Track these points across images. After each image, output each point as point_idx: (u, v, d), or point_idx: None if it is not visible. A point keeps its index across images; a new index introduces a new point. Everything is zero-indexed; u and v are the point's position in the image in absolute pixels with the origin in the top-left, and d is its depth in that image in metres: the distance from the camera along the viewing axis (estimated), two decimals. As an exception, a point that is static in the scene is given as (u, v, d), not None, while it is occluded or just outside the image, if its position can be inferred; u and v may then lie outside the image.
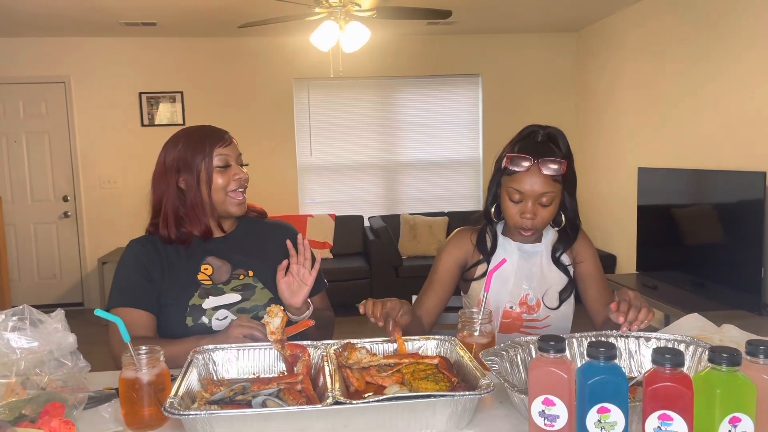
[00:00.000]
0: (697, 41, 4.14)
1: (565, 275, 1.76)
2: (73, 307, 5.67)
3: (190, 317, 1.60)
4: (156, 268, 1.64)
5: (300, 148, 6.05)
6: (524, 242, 1.76)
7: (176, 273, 1.64)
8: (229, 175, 1.63)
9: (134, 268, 1.64)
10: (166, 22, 5.15)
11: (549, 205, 1.64)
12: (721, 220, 3.71)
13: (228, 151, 1.64)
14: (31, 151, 5.73)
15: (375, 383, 1.24)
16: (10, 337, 1.12)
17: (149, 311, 1.60)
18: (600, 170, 5.61)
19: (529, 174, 1.61)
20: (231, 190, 1.63)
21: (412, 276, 5.41)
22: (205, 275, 1.65)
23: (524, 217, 1.63)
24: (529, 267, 1.74)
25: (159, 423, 1.15)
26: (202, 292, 1.62)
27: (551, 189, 1.62)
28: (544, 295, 1.73)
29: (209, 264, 1.67)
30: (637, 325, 1.37)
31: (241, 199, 1.66)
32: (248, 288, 1.66)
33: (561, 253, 1.76)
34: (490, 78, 6.11)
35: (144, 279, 1.62)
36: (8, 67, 5.57)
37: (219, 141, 1.63)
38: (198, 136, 1.65)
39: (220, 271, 1.66)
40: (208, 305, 1.61)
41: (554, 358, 0.97)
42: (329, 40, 3.98)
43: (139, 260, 1.65)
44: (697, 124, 4.17)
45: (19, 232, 5.77)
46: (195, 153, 1.61)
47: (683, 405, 0.88)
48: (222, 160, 1.62)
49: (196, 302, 1.61)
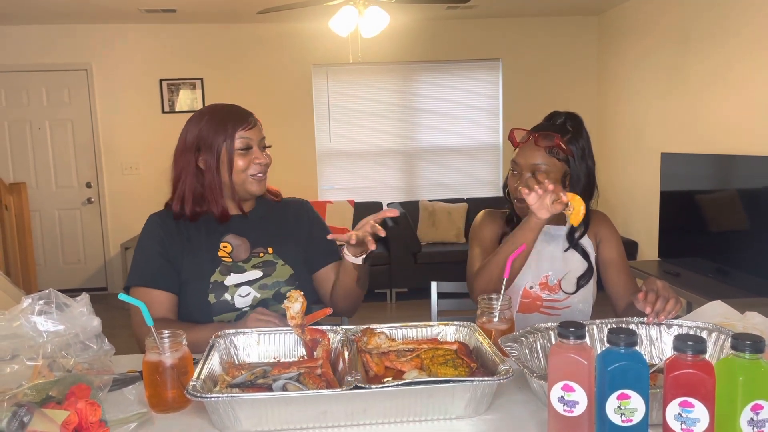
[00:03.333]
0: (722, 24, 4.05)
1: (586, 261, 1.75)
2: (97, 292, 5.76)
3: (213, 294, 1.60)
4: (175, 244, 1.64)
5: (319, 134, 6.06)
6: (548, 223, 1.73)
7: (196, 249, 1.64)
8: (250, 158, 1.62)
9: (153, 246, 1.64)
10: (185, 9, 5.17)
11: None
12: (745, 206, 3.65)
13: (250, 134, 1.62)
14: (55, 138, 5.82)
15: (394, 368, 1.24)
16: (37, 320, 1.14)
17: (169, 291, 1.61)
18: (622, 156, 5.54)
19: (525, 146, 1.69)
20: (251, 174, 1.63)
21: (430, 262, 5.42)
22: (225, 252, 1.65)
23: (519, 188, 1.64)
24: (551, 249, 1.75)
25: (182, 405, 1.17)
26: (224, 269, 1.62)
27: (544, 161, 1.66)
28: (563, 279, 1.73)
29: (228, 242, 1.66)
30: (664, 316, 1.36)
31: (262, 177, 1.65)
32: (269, 264, 1.66)
33: (580, 236, 1.75)
34: (511, 62, 6.04)
35: (162, 258, 1.62)
36: (31, 54, 5.64)
37: (242, 123, 1.61)
38: (221, 115, 1.63)
39: (239, 249, 1.66)
40: (230, 282, 1.61)
41: (574, 344, 0.96)
42: (348, 25, 3.97)
43: (158, 236, 1.65)
44: (721, 109, 4.09)
45: (44, 218, 5.87)
46: (217, 133, 1.60)
47: (705, 392, 0.87)
48: (244, 142, 1.61)
49: (218, 279, 1.61)
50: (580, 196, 1.61)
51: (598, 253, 1.78)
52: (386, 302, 5.45)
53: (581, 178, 1.70)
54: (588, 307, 1.76)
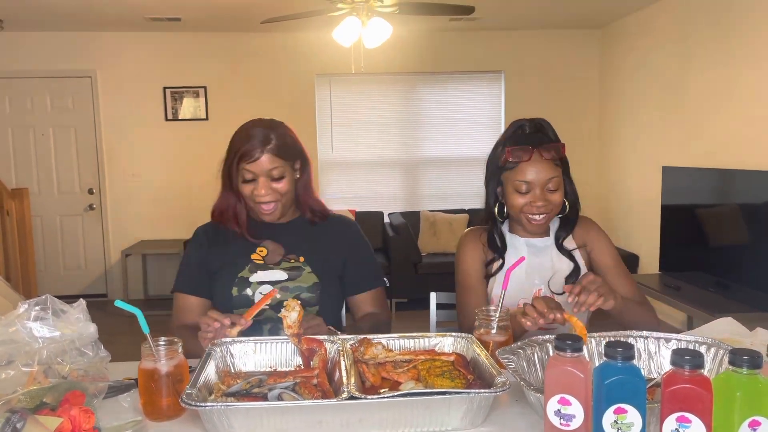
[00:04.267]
0: (724, 38, 4.06)
1: (572, 261, 1.73)
2: (97, 298, 5.76)
3: (236, 287, 1.67)
4: (217, 252, 1.73)
5: (321, 144, 6.07)
6: (532, 237, 1.75)
7: (232, 251, 1.73)
8: (252, 188, 1.65)
9: (194, 256, 1.76)
10: (190, 18, 5.20)
11: (557, 190, 1.65)
12: (746, 220, 3.64)
13: (253, 167, 1.62)
14: (58, 144, 5.83)
15: (390, 379, 1.24)
16: (33, 326, 1.14)
17: (203, 297, 1.72)
18: (624, 169, 5.54)
19: (532, 163, 1.63)
20: (256, 201, 1.66)
21: (431, 273, 5.40)
22: (259, 256, 1.72)
23: (535, 205, 1.63)
24: (540, 262, 1.73)
25: (177, 413, 1.17)
26: (253, 267, 1.70)
27: (555, 174, 1.64)
28: (550, 281, 1.71)
29: (264, 247, 1.73)
30: (583, 308, 1.43)
31: (269, 209, 1.67)
32: (296, 269, 1.71)
33: (563, 239, 1.75)
34: (513, 75, 6.06)
35: (201, 266, 1.73)
36: (36, 60, 5.67)
37: (247, 156, 1.62)
38: (239, 138, 1.66)
39: (274, 254, 1.73)
40: (255, 279, 1.68)
41: (571, 357, 0.96)
42: (351, 35, 3.98)
43: (200, 247, 1.76)
44: (723, 123, 4.10)
45: (46, 224, 5.88)
46: (230, 156, 1.66)
47: (702, 407, 0.86)
48: (247, 174, 1.64)
49: (245, 275, 1.69)
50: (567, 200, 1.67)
51: (592, 261, 1.77)
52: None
53: (568, 177, 1.71)
54: (583, 314, 1.69)
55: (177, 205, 5.73)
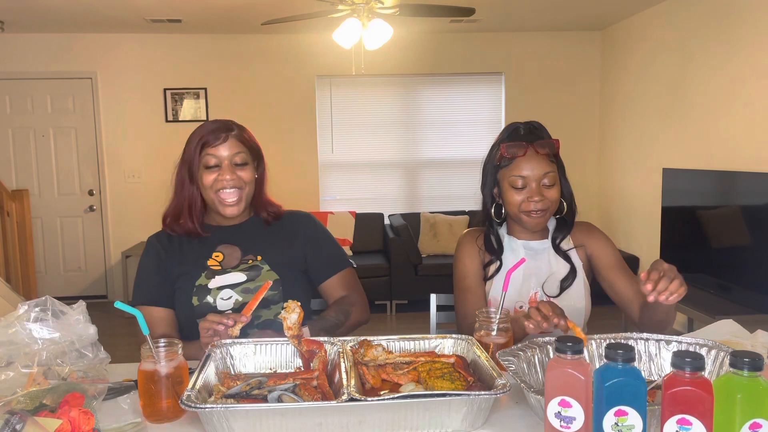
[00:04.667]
0: (725, 40, 4.06)
1: (568, 263, 1.72)
2: (98, 300, 5.76)
3: (196, 297, 1.63)
4: (170, 259, 1.68)
5: (322, 145, 6.07)
6: (530, 240, 1.74)
7: (187, 259, 1.68)
8: (215, 175, 1.62)
9: (152, 265, 1.70)
10: (191, 19, 5.20)
11: (553, 186, 1.65)
12: (747, 222, 3.64)
13: (217, 151, 1.61)
14: (58, 146, 5.83)
15: (391, 381, 1.23)
16: (33, 327, 1.13)
17: (166, 307, 1.66)
18: (624, 171, 5.54)
19: (527, 158, 1.64)
20: (217, 190, 1.62)
21: (431, 274, 5.40)
22: (215, 261, 1.68)
23: (532, 200, 1.63)
24: (537, 265, 1.72)
25: (176, 415, 1.17)
26: (209, 273, 1.65)
27: (550, 169, 1.65)
28: (544, 283, 1.70)
29: (220, 252, 1.69)
30: (665, 296, 1.29)
31: (233, 200, 1.63)
32: (254, 269, 1.67)
33: (561, 240, 1.74)
34: (514, 76, 6.06)
35: (159, 275, 1.68)
36: (36, 62, 5.68)
37: (211, 139, 1.61)
38: (200, 130, 1.65)
39: (231, 258, 1.68)
40: (214, 285, 1.64)
41: (571, 359, 0.96)
42: (352, 37, 3.98)
43: (155, 254, 1.70)
44: (724, 125, 4.10)
45: (46, 225, 5.88)
46: (191, 147, 1.64)
47: (702, 409, 0.86)
48: (210, 159, 1.61)
49: (202, 282, 1.64)
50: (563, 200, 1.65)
51: (594, 263, 1.76)
52: (386, 314, 5.43)
53: (562, 177, 1.71)
54: (579, 317, 1.70)
55: (177, 206, 5.70)
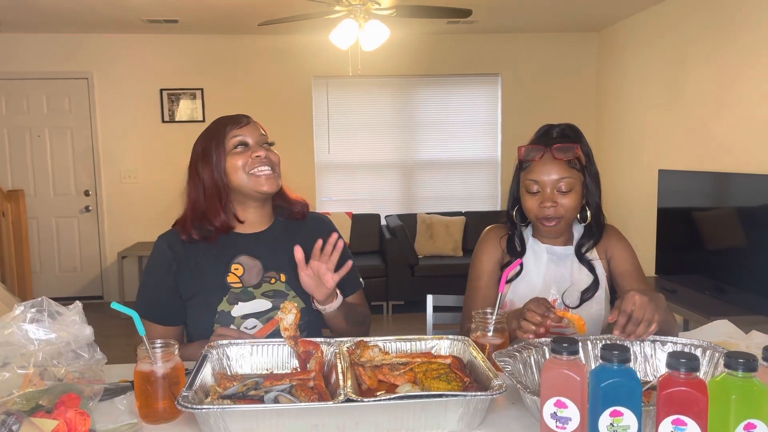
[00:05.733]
0: (720, 42, 4.07)
1: (592, 274, 1.67)
2: (93, 300, 5.75)
3: (218, 324, 1.53)
4: (183, 269, 1.58)
5: (318, 146, 6.07)
6: (554, 244, 1.70)
7: (204, 274, 1.57)
8: (247, 154, 1.54)
9: (159, 280, 1.59)
10: (187, 20, 5.20)
11: (569, 192, 1.60)
12: (743, 223, 3.65)
13: (244, 131, 1.56)
14: (54, 146, 5.82)
15: (387, 382, 1.24)
16: (29, 328, 1.13)
17: (171, 326, 1.59)
18: (620, 172, 5.55)
19: (543, 162, 1.59)
20: (252, 169, 1.54)
21: (428, 275, 5.41)
22: (235, 276, 1.57)
23: (544, 206, 1.59)
24: (560, 271, 1.68)
25: (173, 416, 1.17)
26: (231, 298, 1.55)
27: (567, 174, 1.59)
28: (565, 293, 1.66)
29: (240, 264, 1.58)
30: (634, 339, 1.29)
31: (269, 173, 1.55)
32: (279, 295, 1.57)
33: (587, 250, 1.69)
34: (510, 78, 6.08)
35: (168, 289, 1.58)
36: (33, 62, 5.66)
37: (234, 123, 1.57)
38: (215, 123, 1.61)
39: (251, 272, 1.58)
40: (237, 312, 1.54)
41: (567, 360, 0.96)
42: (349, 38, 3.99)
43: (165, 263, 1.59)
44: (720, 127, 4.11)
45: (42, 226, 5.86)
46: (211, 140, 1.56)
47: (697, 410, 0.86)
48: (237, 140, 1.55)
49: (225, 308, 1.54)
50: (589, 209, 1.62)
51: (611, 268, 1.72)
52: (383, 315, 5.43)
53: (593, 185, 1.66)
54: (596, 328, 1.65)
55: (173, 207, 5.66)
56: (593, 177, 1.67)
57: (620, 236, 1.76)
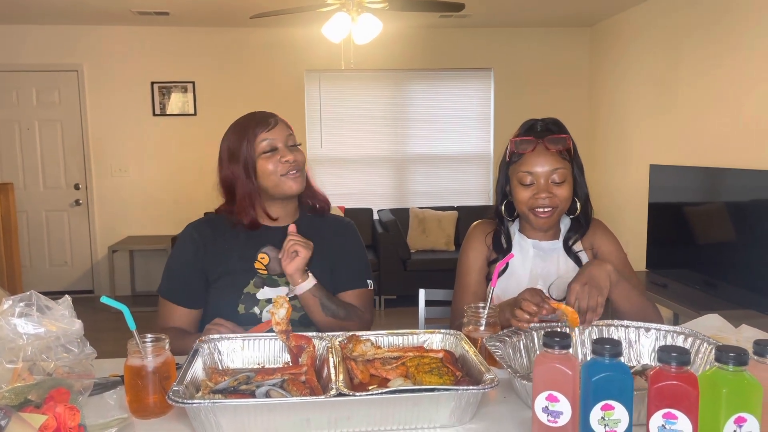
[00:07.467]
0: (712, 38, 4.09)
1: (578, 266, 1.67)
2: (83, 295, 5.71)
3: (243, 305, 1.60)
4: (209, 254, 1.64)
5: (310, 140, 6.05)
6: (541, 239, 1.70)
7: (232, 258, 1.64)
8: (276, 158, 1.59)
9: (185, 262, 1.65)
10: (178, 12, 5.16)
11: (563, 183, 1.61)
12: (733, 218, 3.68)
13: (273, 134, 1.59)
14: (44, 139, 5.77)
15: (379, 376, 1.23)
16: (18, 322, 1.12)
17: (191, 308, 1.64)
18: (611, 167, 5.57)
19: (536, 153, 1.60)
20: (282, 174, 1.59)
21: (420, 269, 5.41)
22: (261, 264, 1.64)
23: (539, 197, 1.59)
24: (546, 266, 1.69)
25: (163, 411, 1.16)
26: (258, 281, 1.62)
27: (561, 165, 1.60)
28: (551, 286, 1.66)
29: (266, 253, 1.64)
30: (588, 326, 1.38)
31: (296, 175, 1.61)
32: None
33: (574, 242, 1.70)
34: (502, 72, 6.08)
35: (191, 272, 1.64)
36: (22, 54, 5.61)
37: (262, 126, 1.59)
38: (243, 123, 1.63)
39: (276, 262, 1.62)
40: (263, 296, 1.61)
41: (559, 354, 0.96)
42: (341, 31, 3.97)
43: (191, 247, 1.66)
44: (711, 122, 4.13)
45: (31, 219, 5.82)
46: (240, 141, 1.59)
47: (688, 404, 0.87)
48: (267, 144, 1.58)
49: (251, 291, 1.61)
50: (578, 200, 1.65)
51: None
52: (375, 309, 5.43)
53: (580, 176, 1.68)
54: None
55: (164, 200, 5.69)
56: (580, 168, 1.69)
57: (606, 229, 1.76)
